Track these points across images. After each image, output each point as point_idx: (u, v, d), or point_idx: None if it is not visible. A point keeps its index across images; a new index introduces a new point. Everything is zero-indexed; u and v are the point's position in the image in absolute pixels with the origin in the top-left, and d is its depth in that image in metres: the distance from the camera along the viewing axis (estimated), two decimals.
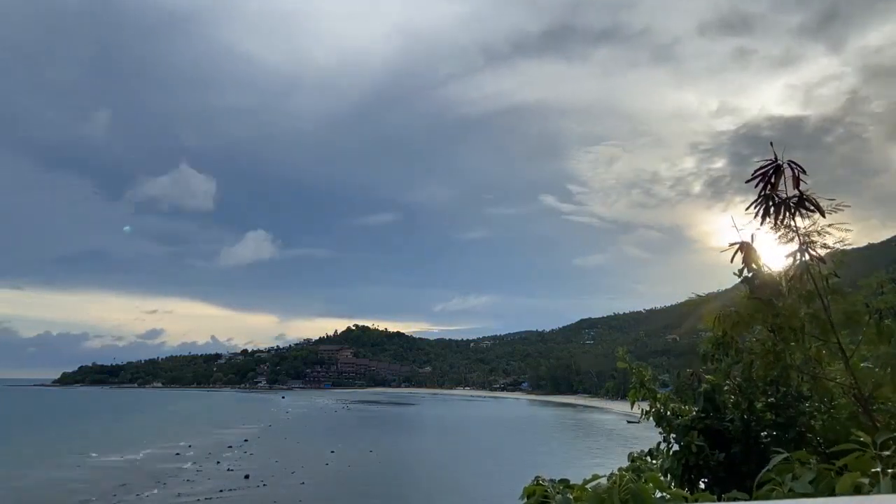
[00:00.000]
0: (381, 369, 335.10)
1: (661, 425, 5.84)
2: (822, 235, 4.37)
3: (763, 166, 4.35)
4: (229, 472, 56.17)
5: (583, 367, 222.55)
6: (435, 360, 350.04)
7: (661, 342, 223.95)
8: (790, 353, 4.84)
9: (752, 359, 5.15)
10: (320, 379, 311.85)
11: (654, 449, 5.80)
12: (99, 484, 49.12)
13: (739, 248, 4.61)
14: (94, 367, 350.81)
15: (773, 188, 4.30)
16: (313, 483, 50.79)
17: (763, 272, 4.67)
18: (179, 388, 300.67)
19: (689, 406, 5.95)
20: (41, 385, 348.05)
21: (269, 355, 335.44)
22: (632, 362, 6.28)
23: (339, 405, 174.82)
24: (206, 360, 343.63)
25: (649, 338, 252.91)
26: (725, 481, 5.11)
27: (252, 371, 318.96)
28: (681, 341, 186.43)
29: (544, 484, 3.18)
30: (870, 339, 4.65)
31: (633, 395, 6.19)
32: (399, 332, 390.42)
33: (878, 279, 4.73)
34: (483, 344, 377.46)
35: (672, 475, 5.43)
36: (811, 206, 4.28)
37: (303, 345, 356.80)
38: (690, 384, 6.04)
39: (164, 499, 44.76)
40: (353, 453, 69.08)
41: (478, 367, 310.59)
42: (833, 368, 5.03)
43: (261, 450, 71.86)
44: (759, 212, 4.40)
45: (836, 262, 4.44)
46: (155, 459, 62.53)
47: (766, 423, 5.47)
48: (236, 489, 47.95)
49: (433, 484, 51.24)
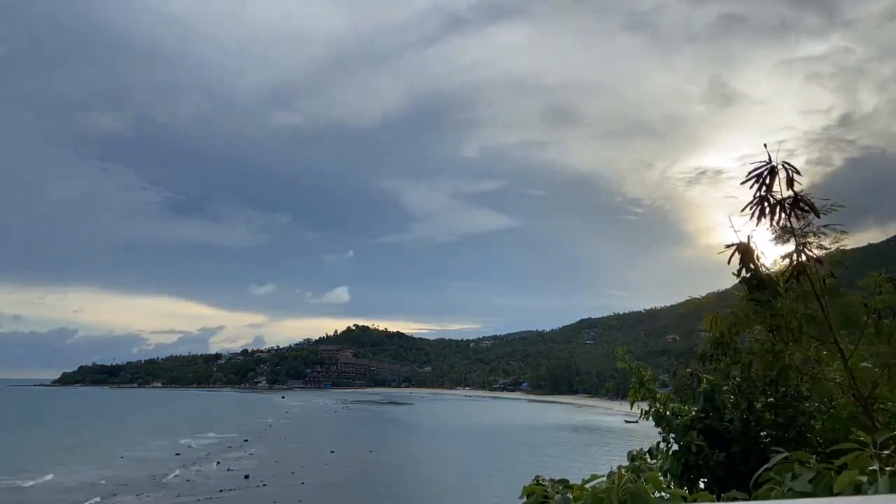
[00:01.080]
0: (381, 369, 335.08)
1: (661, 425, 5.85)
2: (818, 236, 4.38)
3: (757, 167, 4.36)
4: (229, 472, 56.20)
5: (583, 367, 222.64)
6: (435, 360, 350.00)
7: (661, 342, 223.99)
8: (789, 353, 4.85)
9: (751, 359, 5.16)
10: (320, 379, 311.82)
11: (654, 448, 5.81)
12: (99, 483, 49.15)
13: (737, 249, 4.63)
14: (94, 367, 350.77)
15: (769, 189, 4.31)
16: (313, 483, 50.80)
17: (761, 272, 4.68)
18: (179, 388, 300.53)
19: (688, 406, 5.96)
20: (41, 385, 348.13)
21: (269, 355, 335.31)
22: (631, 362, 6.29)
23: (339, 405, 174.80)
24: (206, 361, 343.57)
25: (649, 338, 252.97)
26: (725, 481, 5.12)
27: (252, 371, 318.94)
28: (680, 341, 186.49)
29: (544, 484, 3.19)
30: (869, 339, 4.66)
31: (633, 395, 6.20)
32: (399, 332, 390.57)
33: (874, 279, 4.73)
34: (483, 344, 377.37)
35: (671, 475, 5.44)
36: (806, 206, 4.29)
37: (303, 345, 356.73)
38: (690, 384, 6.05)
39: (164, 499, 44.77)
40: (352, 453, 69.09)
41: (478, 367, 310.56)
42: (832, 368, 5.04)
43: (261, 450, 71.87)
44: (755, 213, 4.41)
45: (832, 263, 4.46)
46: (155, 459, 62.53)
47: (765, 423, 5.47)
48: (236, 489, 47.97)
49: (433, 484, 51.26)
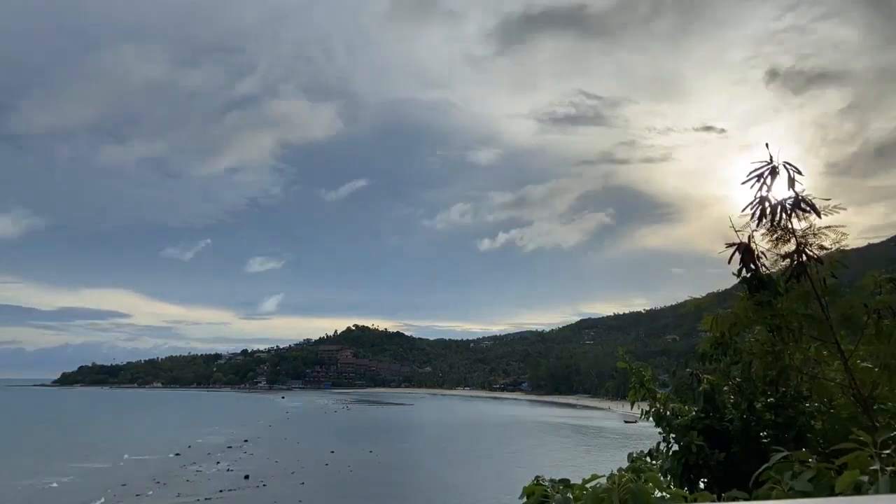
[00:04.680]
0: (381, 369, 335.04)
1: (661, 425, 5.85)
2: (818, 237, 4.38)
3: (758, 167, 4.36)
4: (229, 472, 56.24)
5: (583, 367, 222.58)
6: (435, 360, 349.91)
7: (661, 342, 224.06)
8: (789, 353, 4.85)
9: (751, 359, 5.16)
10: (320, 379, 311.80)
11: (654, 449, 5.81)
12: (99, 484, 49.14)
13: (737, 249, 4.63)
14: (94, 367, 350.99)
15: (769, 189, 4.32)
16: (313, 483, 50.83)
17: (761, 273, 4.69)
18: (179, 388, 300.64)
19: (688, 406, 5.96)
20: (41, 385, 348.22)
21: (268, 355, 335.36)
22: (631, 362, 6.29)
23: (339, 405, 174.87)
24: (205, 361, 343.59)
25: (649, 338, 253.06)
26: (725, 481, 5.12)
27: (252, 371, 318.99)
28: (680, 341, 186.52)
29: (544, 484, 3.19)
30: (869, 339, 4.66)
31: (633, 395, 6.20)
32: (399, 332, 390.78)
33: (873, 279, 4.73)
34: (483, 344, 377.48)
35: (672, 475, 5.43)
36: (807, 207, 4.29)
37: (303, 345, 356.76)
38: (690, 384, 6.05)
39: (164, 499, 44.81)
40: (352, 453, 69.13)
41: (478, 368, 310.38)
42: (832, 368, 5.04)
43: (261, 450, 71.93)
44: (756, 213, 4.41)
45: (832, 263, 4.45)
46: (155, 460, 62.56)
47: (765, 423, 5.47)
48: (236, 489, 48.01)
49: (433, 484, 51.24)
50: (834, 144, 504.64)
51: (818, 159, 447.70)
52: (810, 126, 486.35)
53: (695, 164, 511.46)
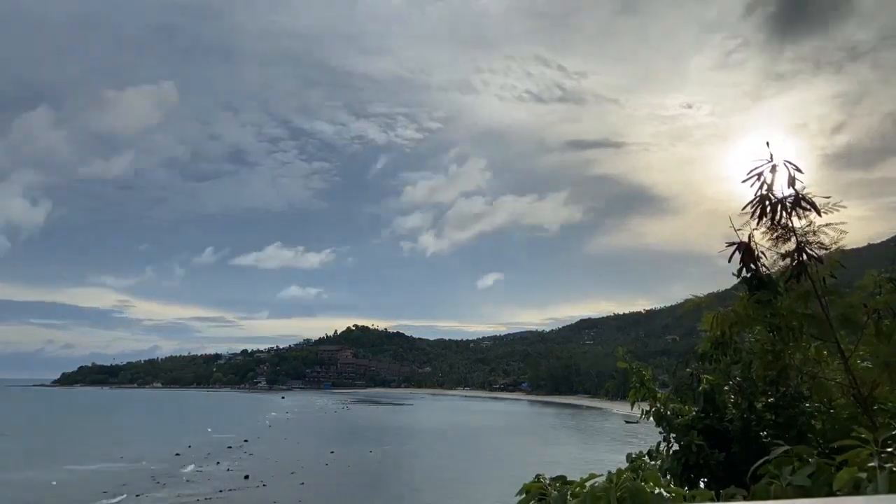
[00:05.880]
0: (381, 369, 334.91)
1: (661, 425, 5.85)
2: (818, 235, 4.38)
3: (758, 165, 4.36)
4: (229, 472, 56.24)
5: (583, 367, 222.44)
6: (435, 360, 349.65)
7: (661, 342, 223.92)
8: (789, 353, 4.85)
9: (751, 359, 5.16)
10: (320, 379, 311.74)
11: (654, 449, 5.81)
12: (99, 484, 49.13)
13: (738, 248, 4.63)
14: (94, 367, 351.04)
15: (769, 187, 4.32)
16: (313, 483, 50.83)
17: (761, 272, 4.69)
18: (179, 388, 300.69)
19: (688, 406, 5.96)
20: (41, 385, 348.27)
21: (268, 356, 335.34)
22: (632, 362, 6.29)
23: (339, 405, 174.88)
24: (205, 361, 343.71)
25: (649, 338, 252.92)
26: (725, 481, 5.12)
27: (252, 371, 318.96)
28: (680, 341, 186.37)
29: (543, 481, 3.20)
30: (869, 339, 4.66)
31: (633, 395, 6.20)
32: (399, 332, 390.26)
33: (873, 278, 4.72)
34: (483, 344, 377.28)
35: (672, 475, 5.44)
36: (807, 205, 4.29)
37: (302, 345, 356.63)
38: (690, 384, 6.05)
39: (164, 499, 44.81)
40: (352, 453, 69.14)
41: (478, 368, 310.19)
42: (832, 368, 5.04)
43: (261, 450, 71.91)
44: (756, 212, 4.41)
45: (832, 262, 4.45)
46: (155, 460, 62.52)
47: (765, 423, 5.47)
48: (236, 489, 48.01)
49: (433, 484, 51.22)
50: (828, 134, 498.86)
51: (813, 151, 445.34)
52: (804, 113, 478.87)
53: (690, 153, 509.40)
